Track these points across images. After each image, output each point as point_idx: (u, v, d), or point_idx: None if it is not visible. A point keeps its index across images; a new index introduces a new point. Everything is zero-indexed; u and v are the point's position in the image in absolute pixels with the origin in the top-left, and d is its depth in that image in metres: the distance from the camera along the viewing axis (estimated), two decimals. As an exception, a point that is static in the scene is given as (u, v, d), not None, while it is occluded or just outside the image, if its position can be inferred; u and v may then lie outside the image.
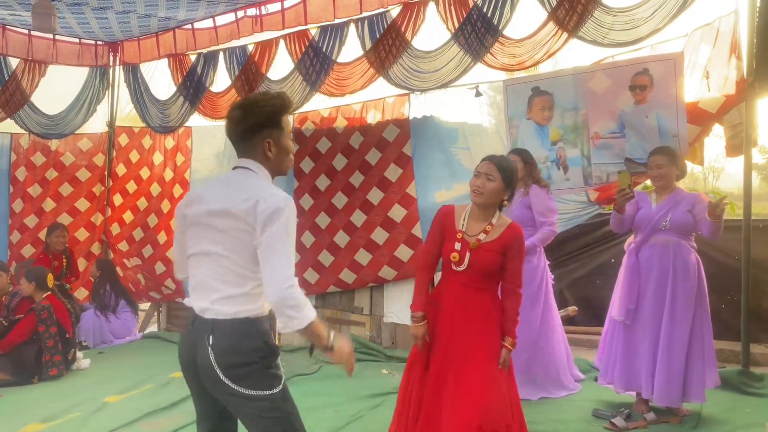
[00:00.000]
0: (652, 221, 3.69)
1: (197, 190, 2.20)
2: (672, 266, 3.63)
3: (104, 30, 6.34)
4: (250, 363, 1.99)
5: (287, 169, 2.19)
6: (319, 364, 5.22)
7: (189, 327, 2.10)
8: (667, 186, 3.73)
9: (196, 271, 2.10)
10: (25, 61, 6.39)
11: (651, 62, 4.22)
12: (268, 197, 1.97)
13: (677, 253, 3.64)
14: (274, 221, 1.94)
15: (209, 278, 2.04)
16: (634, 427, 3.59)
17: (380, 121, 5.64)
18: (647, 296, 3.69)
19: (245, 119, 2.07)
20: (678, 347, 3.58)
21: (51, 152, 6.83)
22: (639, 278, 3.72)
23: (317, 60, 5.64)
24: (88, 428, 3.81)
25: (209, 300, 2.02)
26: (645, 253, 3.72)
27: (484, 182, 2.77)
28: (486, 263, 2.75)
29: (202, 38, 6.38)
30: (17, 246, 6.59)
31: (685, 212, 3.64)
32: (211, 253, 2.04)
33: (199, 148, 6.78)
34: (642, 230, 3.74)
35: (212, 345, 1.98)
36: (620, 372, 3.76)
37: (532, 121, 4.66)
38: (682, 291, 3.61)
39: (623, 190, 3.58)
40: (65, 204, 6.88)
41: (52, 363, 4.94)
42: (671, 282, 3.62)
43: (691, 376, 3.60)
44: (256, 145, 2.09)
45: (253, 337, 2.01)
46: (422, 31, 5.14)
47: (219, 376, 1.97)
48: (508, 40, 4.74)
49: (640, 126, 4.26)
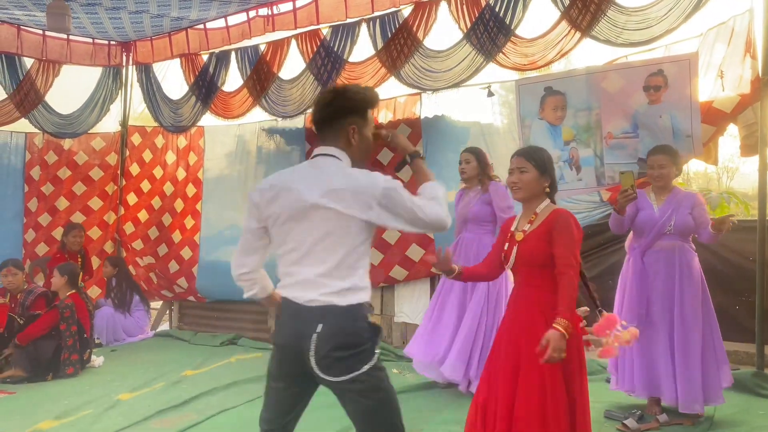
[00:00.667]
0: (657, 225, 3.67)
1: (274, 182, 2.16)
2: (678, 271, 3.64)
3: (117, 30, 6.39)
4: (360, 345, 1.99)
5: (365, 161, 2.23)
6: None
7: (293, 316, 2.08)
8: (667, 185, 3.73)
9: (296, 267, 2.07)
10: (40, 61, 6.45)
11: (665, 63, 4.19)
12: (370, 178, 2.04)
13: (682, 258, 3.65)
14: (388, 197, 2.03)
15: (314, 269, 2.03)
16: (647, 428, 3.57)
17: (391, 121, 5.64)
18: (655, 301, 3.67)
19: (335, 102, 2.14)
20: (694, 353, 3.56)
21: (64, 151, 6.89)
22: (647, 283, 3.70)
23: (329, 60, 5.65)
24: (101, 425, 3.84)
25: (318, 292, 2.02)
26: (650, 258, 3.71)
27: (518, 176, 2.74)
28: (530, 252, 2.64)
29: (214, 38, 6.42)
30: (32, 244, 6.66)
31: (687, 214, 3.64)
32: (315, 244, 2.03)
33: (212, 148, 6.81)
34: (646, 234, 3.72)
35: (322, 332, 1.98)
36: (641, 378, 3.69)
37: (545, 120, 4.63)
38: (689, 295, 3.61)
39: (626, 191, 3.57)
40: (78, 203, 6.94)
41: (69, 362, 4.99)
42: (678, 287, 3.62)
43: (708, 378, 3.58)
44: (341, 130, 2.14)
45: (360, 320, 2.03)
46: (434, 30, 5.15)
47: (331, 360, 1.97)
48: (520, 39, 4.73)
49: (653, 126, 4.23)
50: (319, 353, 1.98)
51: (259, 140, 6.46)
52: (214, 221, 6.68)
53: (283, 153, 6.31)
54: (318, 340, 1.98)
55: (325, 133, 2.17)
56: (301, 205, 2.04)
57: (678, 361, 3.57)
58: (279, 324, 2.18)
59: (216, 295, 6.57)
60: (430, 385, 4.49)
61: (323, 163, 2.13)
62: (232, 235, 6.62)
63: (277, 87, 6.04)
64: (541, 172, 2.72)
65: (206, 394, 4.44)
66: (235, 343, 6.22)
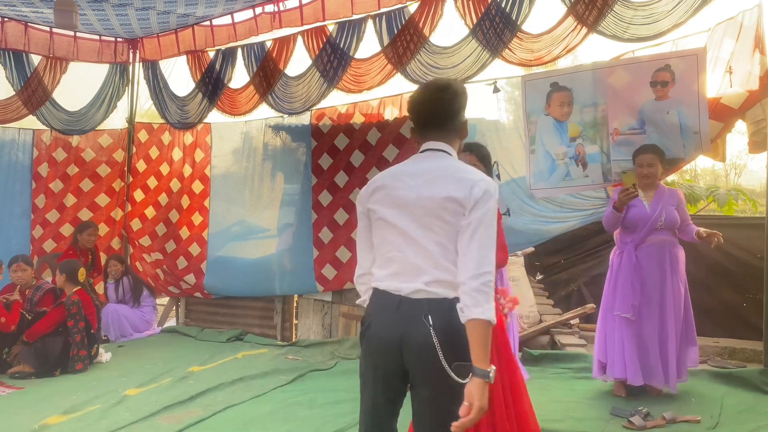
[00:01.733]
0: (649, 221, 3.95)
1: (385, 180, 2.13)
2: (669, 265, 3.95)
3: (124, 27, 6.40)
4: (464, 344, 1.90)
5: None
6: (336, 359, 5.25)
7: (393, 309, 2.03)
8: (653, 183, 4.01)
9: (401, 254, 2.05)
10: (47, 58, 6.47)
11: (673, 58, 4.16)
12: (481, 181, 1.98)
13: (671, 251, 3.98)
14: (484, 204, 1.94)
15: (420, 261, 2.01)
16: (653, 426, 3.56)
17: (398, 118, 5.63)
18: (647, 292, 3.96)
19: (456, 100, 2.12)
20: (672, 335, 3.92)
21: (72, 148, 6.91)
22: (641, 275, 3.96)
23: (335, 56, 5.65)
24: (108, 420, 3.87)
25: (422, 281, 1.99)
26: (643, 252, 3.99)
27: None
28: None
29: (220, 35, 6.42)
30: (39, 241, 6.68)
31: (674, 209, 3.96)
32: (421, 237, 2.01)
33: (219, 144, 6.82)
34: (639, 229, 3.98)
35: (433, 325, 1.95)
36: (635, 367, 3.93)
37: (551, 116, 4.61)
38: (676, 287, 3.95)
39: (627, 190, 3.82)
40: (86, 199, 6.97)
41: (78, 357, 5.03)
42: (669, 278, 3.94)
43: (678, 358, 3.96)
44: (457, 126, 2.15)
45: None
46: (440, 26, 5.12)
47: (438, 356, 1.93)
48: (526, 35, 4.71)
49: (660, 122, 4.20)
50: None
51: (265, 137, 6.47)
52: (221, 218, 6.70)
53: (289, 150, 6.32)
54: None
55: (439, 129, 2.13)
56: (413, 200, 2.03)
57: (665, 347, 3.92)
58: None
59: (223, 292, 6.59)
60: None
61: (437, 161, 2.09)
62: (239, 232, 6.65)
63: (283, 84, 6.04)
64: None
65: (213, 389, 4.46)
66: (241, 339, 6.24)
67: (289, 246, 6.23)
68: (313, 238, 6.01)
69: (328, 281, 5.88)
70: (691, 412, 3.71)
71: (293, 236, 6.21)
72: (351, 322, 5.85)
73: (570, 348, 5.20)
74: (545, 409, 3.89)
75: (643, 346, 3.95)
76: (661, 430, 3.52)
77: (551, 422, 3.62)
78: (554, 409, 3.89)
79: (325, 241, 5.92)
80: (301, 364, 5.22)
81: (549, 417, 3.71)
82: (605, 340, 4.10)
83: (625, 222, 4.02)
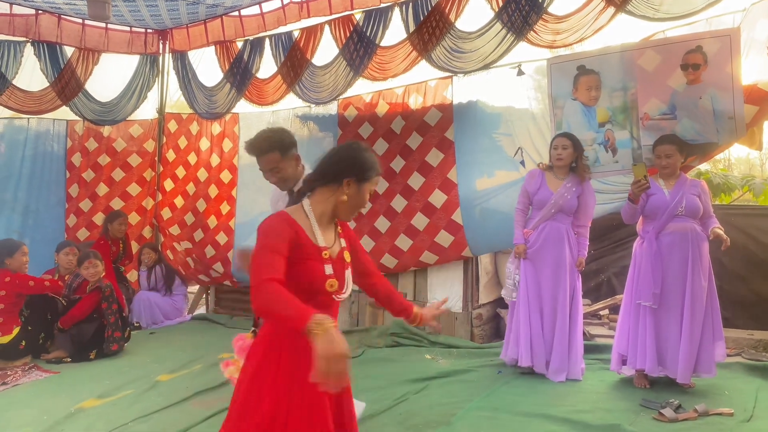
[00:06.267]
0: (669, 207, 3.88)
1: None
2: (690, 254, 3.85)
3: (154, 18, 6.47)
4: None
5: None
6: (363, 348, 5.27)
7: None
8: (674, 173, 3.96)
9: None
10: (79, 49, 6.58)
11: (705, 39, 4.03)
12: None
13: (694, 241, 3.88)
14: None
15: None
16: (684, 418, 3.50)
17: (423, 106, 5.59)
18: (669, 281, 3.89)
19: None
20: (697, 328, 3.85)
21: (104, 138, 7.04)
22: (661, 264, 3.90)
23: (360, 45, 5.63)
24: (141, 405, 3.95)
25: None
26: (665, 240, 3.91)
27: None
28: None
29: (249, 25, 6.45)
30: (73, 229, 6.84)
31: (695, 197, 3.88)
32: None
33: (246, 134, 6.85)
34: (659, 216, 3.92)
35: None
36: (654, 357, 3.90)
37: (578, 101, 4.52)
38: (700, 278, 3.85)
39: (639, 182, 3.78)
40: (117, 189, 7.10)
41: (113, 339, 5.15)
42: (690, 268, 3.85)
43: (704, 353, 3.87)
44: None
45: None
46: (465, 11, 5.07)
47: None
48: (552, 16, 4.62)
49: (692, 107, 4.09)
50: None
51: (292, 127, 6.49)
52: (248, 207, 6.74)
53: (316, 139, 6.33)
54: None
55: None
56: None
57: (684, 338, 3.83)
58: None
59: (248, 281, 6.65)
60: (461, 371, 4.50)
61: None
62: (264, 222, 6.69)
63: (310, 73, 6.04)
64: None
65: (242, 376, 4.51)
66: (269, 327, 6.30)
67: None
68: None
69: (353, 270, 5.91)
70: (724, 405, 3.63)
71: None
72: (378, 311, 5.87)
73: (599, 339, 5.15)
74: (574, 399, 3.87)
75: (662, 335, 3.91)
76: (692, 422, 3.45)
77: (579, 413, 3.59)
78: (583, 399, 3.86)
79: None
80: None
81: (577, 408, 3.68)
82: (628, 331, 4.04)
83: (645, 210, 3.95)
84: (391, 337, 5.38)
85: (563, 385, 4.14)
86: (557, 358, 4.21)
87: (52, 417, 3.73)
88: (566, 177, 4.23)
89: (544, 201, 4.20)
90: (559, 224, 4.23)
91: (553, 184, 4.23)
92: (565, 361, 4.21)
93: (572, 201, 4.19)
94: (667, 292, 3.89)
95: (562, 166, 4.22)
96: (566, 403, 3.77)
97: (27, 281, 5.02)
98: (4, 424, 3.65)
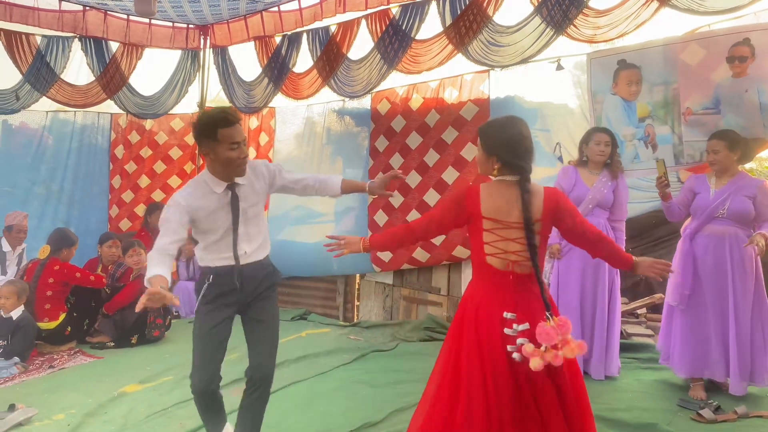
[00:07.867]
0: (708, 209, 3.69)
1: None
2: (729, 258, 3.64)
3: (196, 13, 6.59)
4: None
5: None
6: (397, 341, 5.30)
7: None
8: (726, 170, 3.74)
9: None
10: (124, 44, 6.75)
11: (753, 31, 3.91)
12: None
13: (733, 246, 3.64)
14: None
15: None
16: (723, 419, 3.43)
17: (458, 100, 5.57)
18: (705, 284, 3.71)
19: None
20: (734, 333, 3.63)
21: (146, 131, 7.23)
22: (693, 265, 3.74)
23: (396, 38, 5.62)
24: (180, 391, 4.06)
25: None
26: (699, 242, 3.76)
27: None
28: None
29: (288, 20, 6.51)
30: (116, 220, 7.05)
31: (745, 199, 3.62)
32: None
33: (282, 129, 6.95)
34: (698, 217, 3.76)
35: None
36: (687, 358, 3.78)
37: (618, 96, 4.45)
38: (743, 284, 3.63)
39: (659, 178, 3.70)
40: (158, 181, 7.27)
41: (155, 325, 5.34)
42: (730, 275, 3.63)
43: (756, 360, 3.67)
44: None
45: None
46: (504, 5, 5.01)
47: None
48: (592, 10, 4.53)
49: (737, 101, 3.97)
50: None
51: (326, 121, 6.54)
52: (281, 201, 6.81)
53: (350, 134, 6.37)
54: None
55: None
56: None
57: (731, 346, 3.63)
58: None
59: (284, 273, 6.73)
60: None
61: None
62: (297, 216, 6.75)
63: (345, 67, 6.07)
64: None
65: (278, 366, 4.50)
66: (305, 318, 6.39)
67: (349, 230, 6.30)
68: (368, 221, 6.07)
69: (385, 263, 5.94)
70: (765, 408, 3.55)
71: (354, 220, 6.29)
72: (411, 305, 5.89)
73: (636, 338, 5.07)
74: (610, 398, 3.83)
75: (702, 338, 3.76)
76: (732, 424, 3.39)
77: (616, 411, 3.55)
78: (619, 398, 3.82)
79: (380, 223, 5.96)
80: (362, 344, 5.31)
81: (614, 406, 3.64)
82: (667, 330, 3.99)
83: (690, 209, 3.85)
84: (425, 331, 5.40)
85: (599, 383, 4.10)
86: (596, 354, 4.16)
87: (96, 400, 3.88)
88: (600, 172, 4.18)
89: (581, 197, 4.15)
90: (597, 219, 4.18)
91: (588, 180, 4.17)
92: (603, 358, 4.17)
93: (609, 195, 4.13)
94: (701, 295, 3.74)
95: (601, 162, 4.16)
96: (602, 401, 3.73)
97: (74, 272, 5.21)
98: (52, 406, 3.80)
